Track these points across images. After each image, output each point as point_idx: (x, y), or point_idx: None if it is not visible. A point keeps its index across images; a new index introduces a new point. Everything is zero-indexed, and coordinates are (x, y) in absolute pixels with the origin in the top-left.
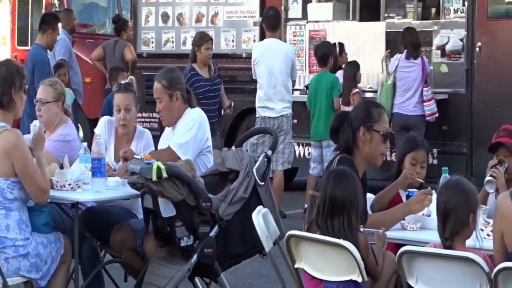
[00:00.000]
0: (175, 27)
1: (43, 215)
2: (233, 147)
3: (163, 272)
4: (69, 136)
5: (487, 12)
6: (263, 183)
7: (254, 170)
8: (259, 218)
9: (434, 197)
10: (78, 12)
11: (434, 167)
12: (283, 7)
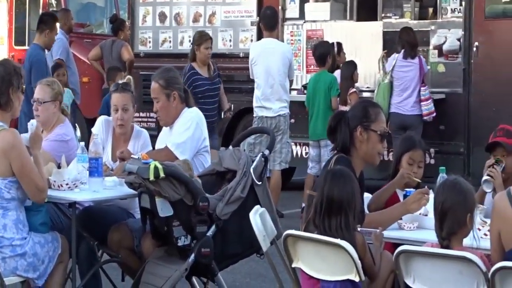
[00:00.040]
0: (173, 27)
1: (40, 215)
2: (230, 147)
3: (161, 272)
4: (66, 136)
5: (484, 12)
6: (260, 183)
7: (252, 170)
8: (257, 217)
9: (431, 196)
10: (76, 12)
11: (432, 166)
12: (280, 7)
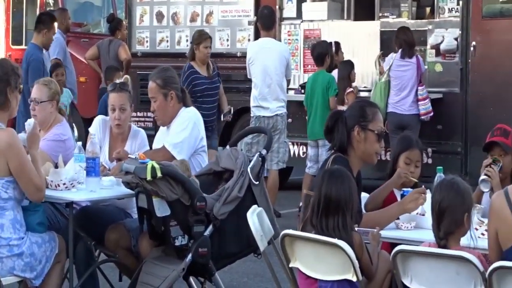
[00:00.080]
0: (170, 27)
1: (37, 215)
2: (227, 147)
3: (158, 272)
4: (63, 136)
5: (482, 11)
6: (257, 183)
7: (249, 170)
8: (254, 217)
9: (428, 196)
10: (73, 11)
11: (429, 166)
12: (277, 6)
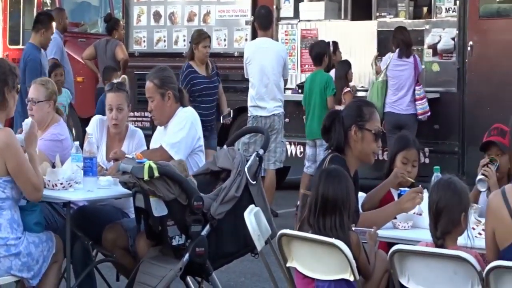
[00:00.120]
0: (167, 26)
1: (34, 214)
2: (224, 146)
3: (155, 271)
4: (60, 135)
5: (479, 11)
6: (254, 182)
7: (246, 169)
8: (251, 217)
9: (425, 195)
10: (70, 11)
11: (426, 166)
12: (275, 6)
